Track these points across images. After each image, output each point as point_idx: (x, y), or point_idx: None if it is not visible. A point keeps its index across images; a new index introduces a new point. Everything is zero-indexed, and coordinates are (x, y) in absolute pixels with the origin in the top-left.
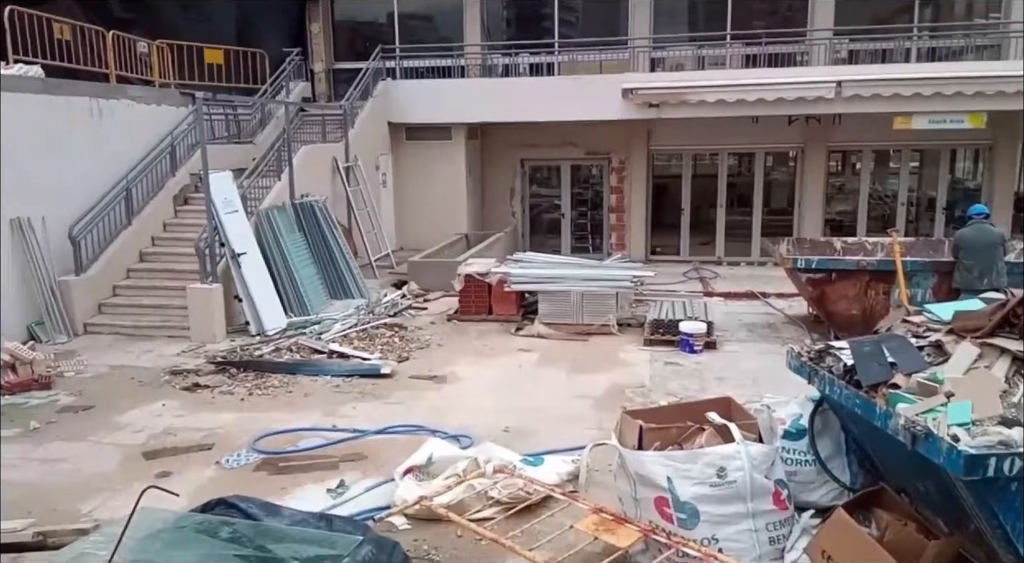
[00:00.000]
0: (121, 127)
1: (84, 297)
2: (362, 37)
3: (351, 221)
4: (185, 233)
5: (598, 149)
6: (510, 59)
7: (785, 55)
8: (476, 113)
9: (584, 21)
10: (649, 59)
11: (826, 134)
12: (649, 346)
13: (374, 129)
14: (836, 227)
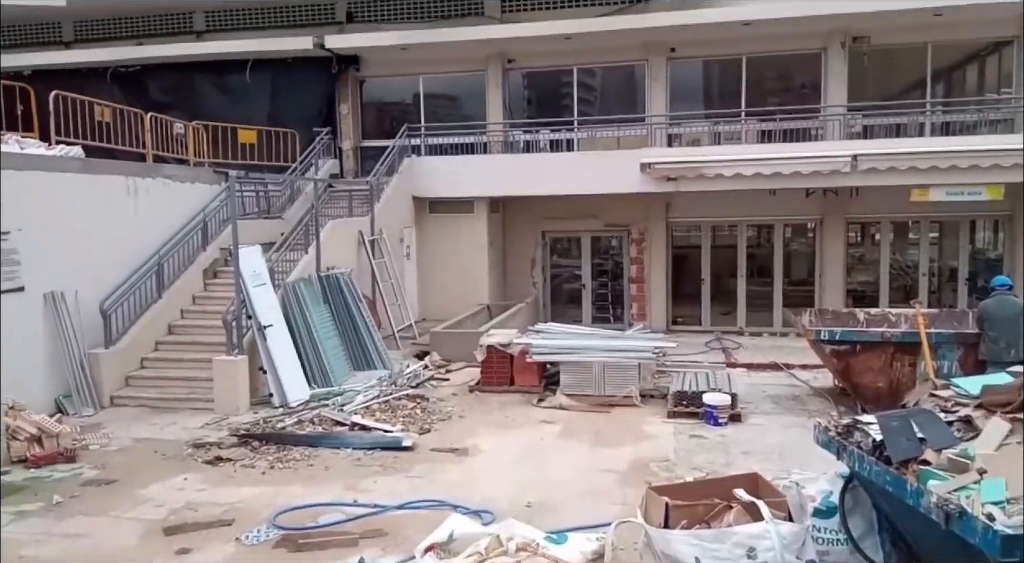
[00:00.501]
0: (156, 204)
1: (112, 370)
2: (388, 116)
3: (375, 293)
4: (214, 306)
5: (618, 221)
6: (531, 136)
7: (800, 130)
8: (498, 187)
9: (602, 98)
10: (666, 135)
11: (844, 206)
12: (673, 418)
13: (399, 203)
14: (858, 298)
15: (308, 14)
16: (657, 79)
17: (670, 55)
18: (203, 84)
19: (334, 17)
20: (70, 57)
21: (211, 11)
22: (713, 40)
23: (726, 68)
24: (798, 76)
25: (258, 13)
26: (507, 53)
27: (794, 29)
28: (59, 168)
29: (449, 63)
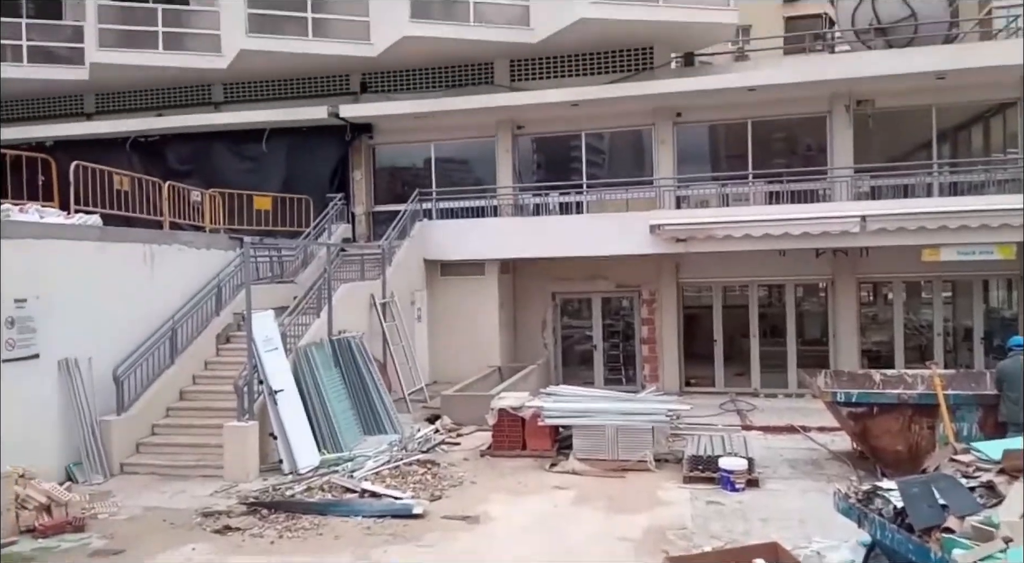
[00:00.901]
0: (171, 270)
1: (123, 437)
2: (401, 181)
3: (386, 356)
4: (226, 371)
5: (628, 282)
6: (541, 198)
7: (808, 191)
8: (509, 249)
9: (610, 160)
10: (675, 197)
11: (855, 266)
12: (688, 483)
13: (411, 266)
14: (873, 358)
15: (324, 85)
16: (664, 142)
17: (676, 120)
18: (220, 152)
19: (348, 88)
20: (91, 128)
21: (229, 83)
22: (718, 105)
23: (732, 131)
24: (804, 138)
25: (275, 85)
26: (517, 119)
27: (798, 94)
28: (77, 237)
29: (460, 129)
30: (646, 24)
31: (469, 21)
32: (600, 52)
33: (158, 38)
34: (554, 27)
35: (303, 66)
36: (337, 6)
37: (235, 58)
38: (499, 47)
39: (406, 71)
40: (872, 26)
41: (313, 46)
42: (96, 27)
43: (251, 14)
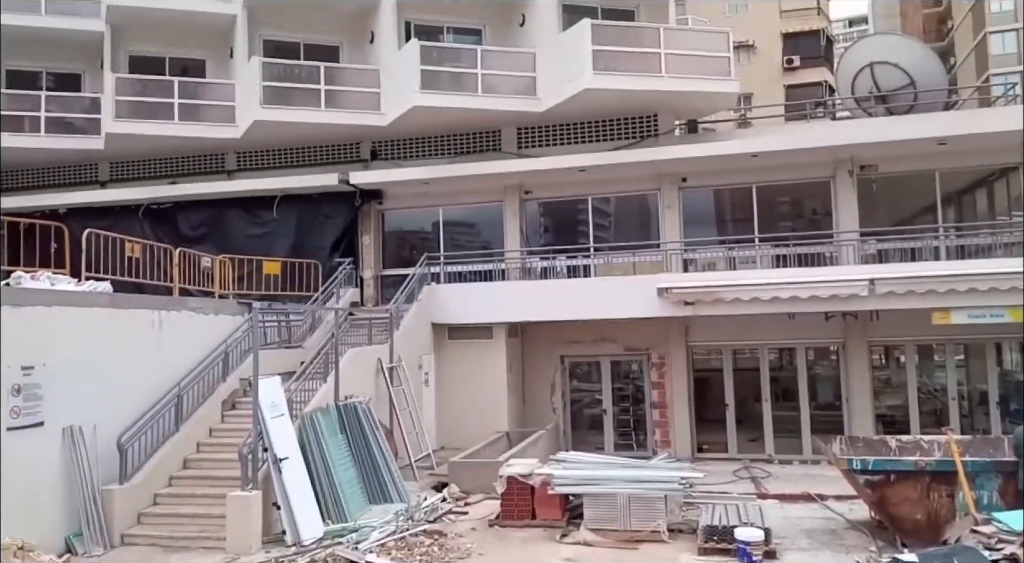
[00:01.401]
0: (180, 336)
1: (125, 506)
2: (409, 244)
3: (393, 422)
4: (230, 438)
5: (637, 345)
6: (548, 262)
7: (815, 255)
8: (516, 313)
9: (617, 224)
10: (682, 260)
11: (865, 329)
12: (704, 555)
13: (418, 330)
14: (888, 423)
15: (335, 153)
16: (670, 207)
17: (681, 184)
18: (232, 219)
19: (359, 155)
20: (105, 196)
21: (243, 152)
22: (722, 170)
23: (737, 195)
24: (809, 202)
25: (287, 153)
26: (524, 184)
27: (801, 159)
28: (87, 303)
29: (468, 194)
30: (649, 94)
31: (477, 91)
32: (605, 120)
33: (174, 109)
34: (560, 97)
35: (315, 135)
36: (349, 78)
37: (249, 128)
38: (506, 116)
39: (416, 139)
40: (872, 94)
41: (326, 116)
42: (113, 99)
43: (266, 86)
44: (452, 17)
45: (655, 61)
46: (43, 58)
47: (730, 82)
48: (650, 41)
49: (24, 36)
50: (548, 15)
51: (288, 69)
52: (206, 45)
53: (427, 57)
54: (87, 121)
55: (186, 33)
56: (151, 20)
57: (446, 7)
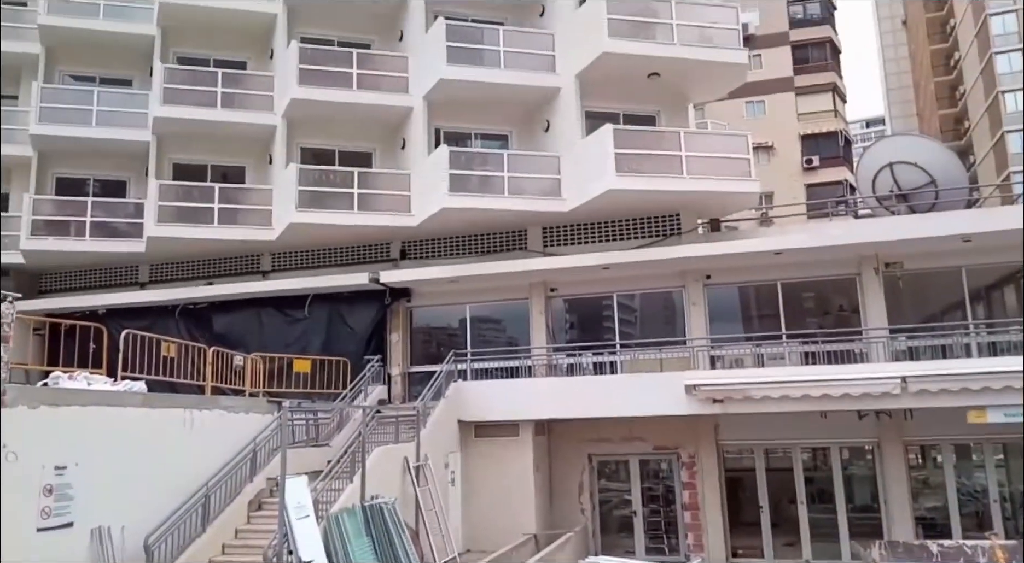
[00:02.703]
0: (210, 435)
1: None
2: (436, 341)
3: (419, 522)
4: (256, 540)
5: (666, 444)
6: (574, 358)
7: (844, 352)
8: (543, 410)
9: (642, 320)
10: (709, 356)
11: (900, 429)
12: None
13: (445, 428)
14: (928, 526)
15: (365, 253)
16: (695, 304)
17: (706, 282)
18: (265, 318)
19: (389, 255)
20: (144, 297)
21: (277, 253)
22: (747, 267)
23: (763, 292)
24: (835, 298)
25: (320, 253)
26: (549, 282)
27: (825, 257)
28: (121, 403)
29: (495, 292)
30: (672, 194)
31: (504, 193)
32: (629, 219)
33: (214, 213)
34: (584, 197)
35: (347, 236)
36: (381, 181)
37: (284, 230)
38: (532, 216)
39: (444, 238)
40: (893, 192)
41: (358, 218)
42: (156, 204)
43: (302, 191)
44: (480, 124)
45: (676, 163)
46: (92, 166)
47: (751, 182)
48: (671, 144)
49: (76, 146)
50: (571, 121)
51: (323, 174)
52: (247, 153)
53: (456, 161)
54: (130, 225)
55: (228, 142)
56: (196, 130)
57: (474, 115)
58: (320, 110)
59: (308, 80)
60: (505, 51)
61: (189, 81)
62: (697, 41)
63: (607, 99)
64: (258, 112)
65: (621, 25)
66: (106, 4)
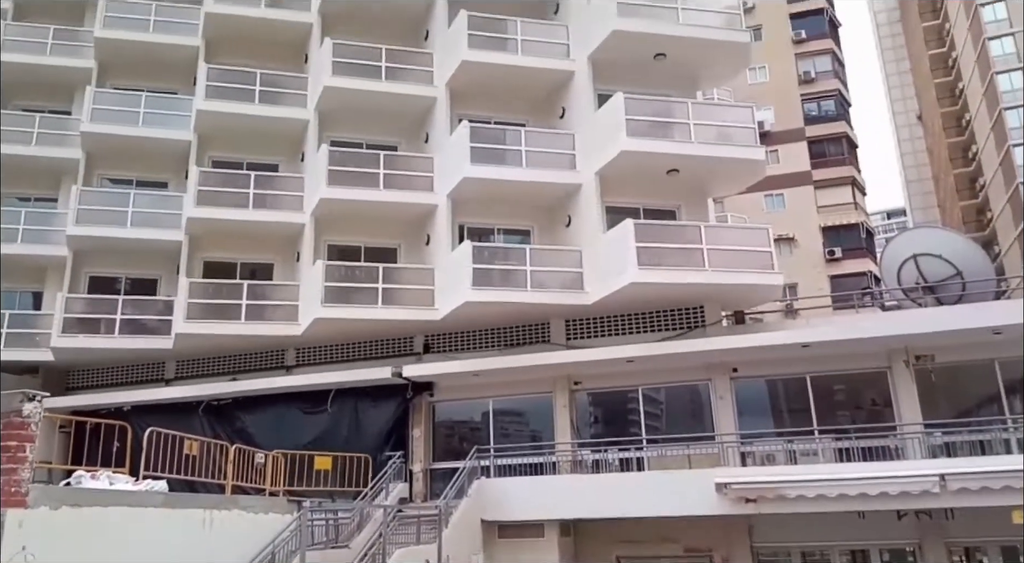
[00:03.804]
0: (228, 536)
1: None
2: (458, 435)
3: None
4: None
5: (699, 546)
6: (600, 454)
7: (878, 448)
8: (568, 509)
9: (669, 414)
10: (739, 453)
11: (942, 530)
12: None
13: (467, 528)
14: None
15: (388, 347)
16: (723, 397)
17: (732, 375)
18: (288, 413)
19: (412, 348)
20: (168, 393)
21: (302, 348)
22: (774, 360)
23: (791, 386)
24: (867, 392)
25: (343, 348)
26: (573, 375)
27: (853, 349)
28: (142, 503)
29: (518, 386)
30: (694, 286)
31: (526, 287)
32: (652, 311)
33: (241, 310)
34: (606, 290)
35: (371, 330)
36: (406, 276)
37: (309, 325)
38: (555, 309)
39: (467, 332)
40: (919, 284)
41: (383, 313)
42: (185, 301)
43: (327, 287)
44: (503, 219)
45: (698, 256)
46: (125, 265)
47: (774, 275)
48: (692, 237)
49: (110, 246)
50: (593, 216)
51: (349, 270)
52: (275, 250)
53: (479, 256)
54: (159, 322)
55: (258, 240)
56: (227, 229)
57: (497, 211)
58: (348, 208)
59: (337, 180)
60: (527, 151)
61: (223, 183)
62: (714, 139)
63: (627, 194)
64: (288, 211)
65: (640, 125)
66: (146, 112)
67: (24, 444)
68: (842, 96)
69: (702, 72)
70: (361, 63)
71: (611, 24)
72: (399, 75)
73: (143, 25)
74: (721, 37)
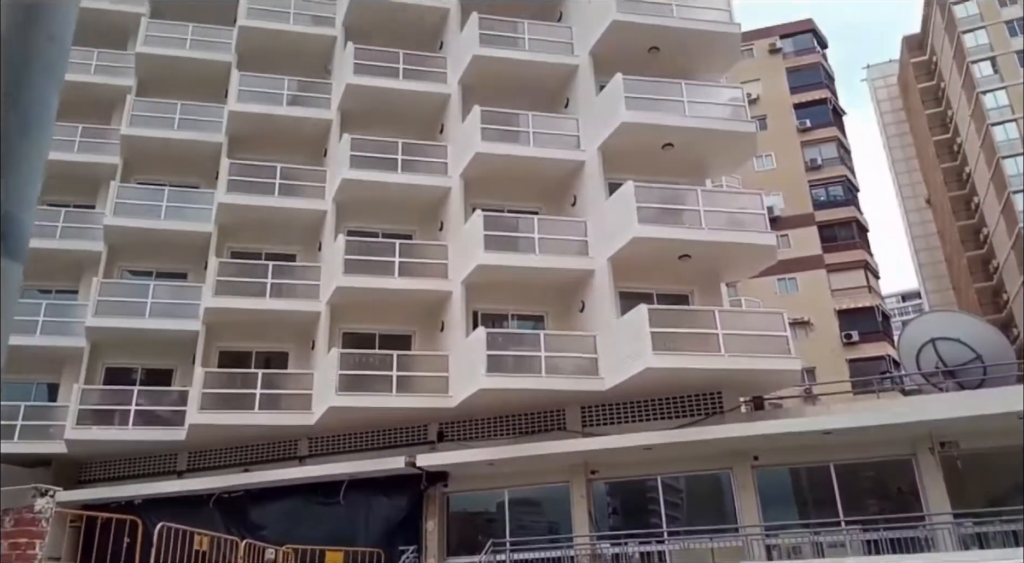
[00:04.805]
0: None
1: None
2: (473, 527)
3: None
4: None
5: None
6: (619, 547)
7: (908, 540)
8: None
9: (689, 504)
10: (764, 546)
11: None
12: None
13: None
14: None
15: (402, 436)
16: (744, 487)
17: (753, 463)
18: (299, 505)
19: (426, 437)
20: (180, 486)
21: (315, 437)
22: (795, 447)
23: (815, 474)
24: (892, 480)
25: (356, 437)
26: (590, 464)
27: (877, 436)
28: None
29: (534, 475)
30: (711, 372)
31: (541, 373)
32: (669, 397)
33: (255, 400)
34: (622, 376)
35: (385, 418)
36: (420, 363)
37: (323, 414)
38: (570, 395)
39: (481, 419)
40: (939, 369)
41: (397, 401)
42: (200, 392)
43: (342, 375)
44: (516, 305)
45: (713, 341)
46: (141, 355)
47: (791, 360)
48: (706, 322)
49: (128, 337)
50: (606, 302)
51: (363, 358)
52: (290, 338)
53: (493, 342)
54: (173, 413)
55: (274, 328)
56: (244, 319)
57: (511, 296)
58: (363, 296)
59: (353, 269)
60: (540, 238)
61: (241, 273)
62: (725, 225)
63: (640, 280)
64: (305, 300)
65: (650, 212)
66: (168, 205)
67: (34, 541)
68: (849, 181)
69: (710, 160)
70: (378, 156)
71: (620, 116)
72: (415, 167)
73: (168, 123)
74: (727, 128)
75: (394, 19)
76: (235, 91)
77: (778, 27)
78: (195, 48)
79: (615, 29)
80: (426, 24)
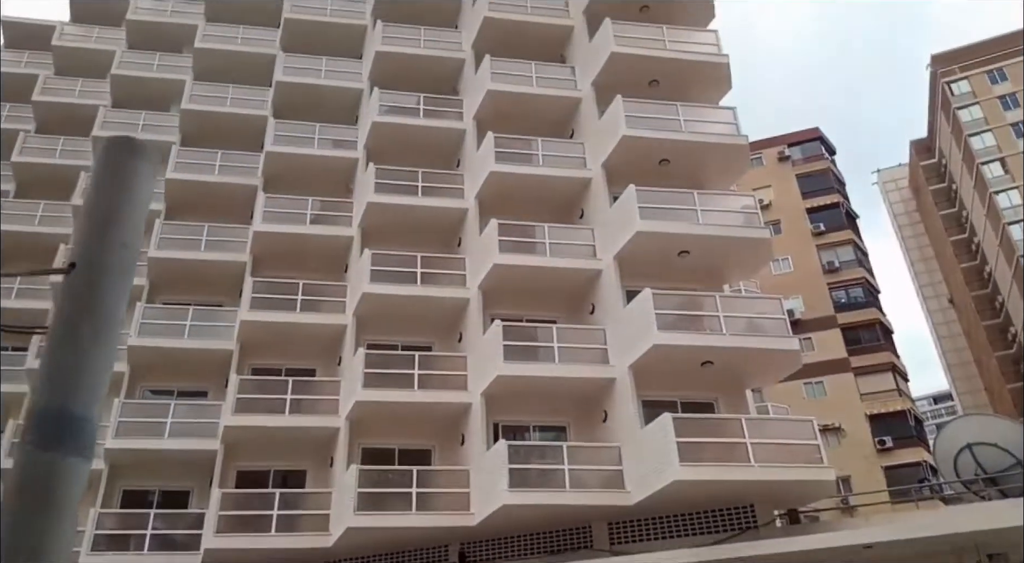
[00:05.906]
0: None
1: None
2: None
3: None
4: None
5: None
6: None
7: None
8: None
9: None
10: None
11: None
12: None
13: None
14: None
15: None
16: None
17: None
18: None
19: (447, 558)
20: None
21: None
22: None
23: None
24: None
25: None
26: None
27: (919, 549)
28: None
29: None
30: (742, 484)
31: (565, 487)
32: (700, 511)
33: (272, 521)
34: (649, 489)
35: (403, 538)
36: (440, 479)
37: (341, 535)
38: (596, 510)
39: (505, 538)
40: (979, 476)
41: (417, 519)
42: (217, 514)
43: (361, 493)
44: (537, 416)
45: (742, 450)
46: (159, 477)
47: (825, 470)
48: (734, 431)
49: (147, 459)
50: (629, 411)
51: (382, 475)
52: (309, 456)
53: (515, 456)
54: (189, 537)
55: (293, 446)
56: (263, 437)
57: (532, 408)
58: (383, 410)
59: (373, 383)
60: (559, 347)
61: (260, 390)
62: (745, 331)
63: (663, 387)
64: (324, 416)
65: (669, 318)
66: (191, 324)
67: None
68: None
69: (727, 267)
70: (398, 270)
71: (635, 226)
72: (434, 279)
73: (195, 245)
74: (741, 234)
75: (414, 141)
76: (260, 212)
77: (785, 136)
78: (223, 173)
79: (625, 144)
80: (444, 144)
